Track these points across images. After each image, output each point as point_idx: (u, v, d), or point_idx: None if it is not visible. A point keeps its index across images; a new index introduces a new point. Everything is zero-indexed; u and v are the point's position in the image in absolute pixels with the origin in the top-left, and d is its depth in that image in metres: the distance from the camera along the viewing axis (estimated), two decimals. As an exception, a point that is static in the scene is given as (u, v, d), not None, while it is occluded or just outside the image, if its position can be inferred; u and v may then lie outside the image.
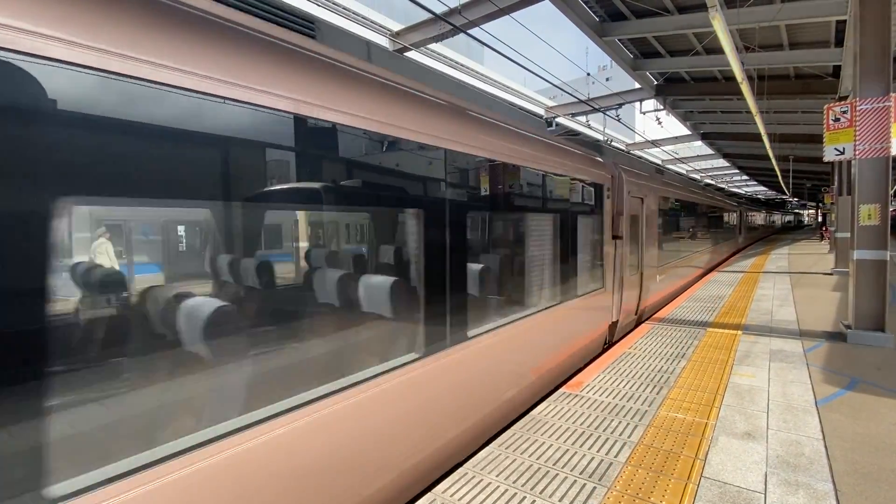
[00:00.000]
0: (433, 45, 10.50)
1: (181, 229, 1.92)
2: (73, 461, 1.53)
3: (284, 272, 2.29)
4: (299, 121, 2.21)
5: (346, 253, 2.61)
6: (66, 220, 1.52)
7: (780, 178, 25.40)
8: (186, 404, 1.84)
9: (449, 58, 12.03)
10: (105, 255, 1.68)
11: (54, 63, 1.45)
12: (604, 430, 3.39)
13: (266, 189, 2.12)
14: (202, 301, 1.92)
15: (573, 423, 3.52)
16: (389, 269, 2.81)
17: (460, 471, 2.84)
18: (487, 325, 3.62)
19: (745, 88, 8.01)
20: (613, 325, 6.52)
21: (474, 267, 3.44)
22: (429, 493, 2.62)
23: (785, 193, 44.31)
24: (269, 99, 2.06)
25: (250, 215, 2.07)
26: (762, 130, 12.03)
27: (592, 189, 5.71)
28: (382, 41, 9.73)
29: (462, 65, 12.68)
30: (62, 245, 1.52)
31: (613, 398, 3.99)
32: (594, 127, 16.23)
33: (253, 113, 2.01)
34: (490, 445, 3.17)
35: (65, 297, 1.54)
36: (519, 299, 4.18)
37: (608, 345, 6.57)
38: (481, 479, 2.75)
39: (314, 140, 2.33)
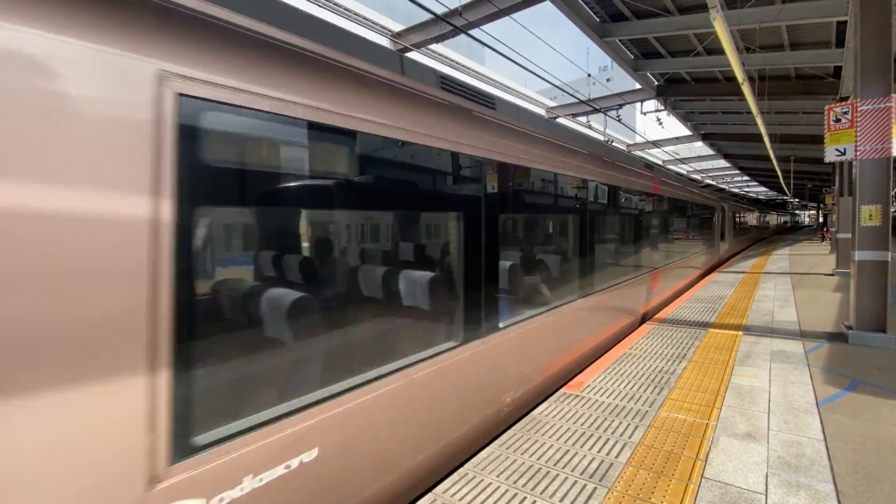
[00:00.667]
0: (434, 46, 10.51)
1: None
2: None
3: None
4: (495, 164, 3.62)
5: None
6: None
7: (781, 178, 25.38)
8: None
9: (450, 58, 12.05)
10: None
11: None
12: (604, 431, 3.39)
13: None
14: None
15: (574, 423, 3.52)
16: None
17: (461, 471, 2.84)
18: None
19: (745, 89, 8.01)
20: None
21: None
22: (429, 493, 2.62)
23: (786, 194, 44.19)
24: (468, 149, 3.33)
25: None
26: (763, 131, 12.03)
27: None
28: (383, 42, 9.74)
29: (463, 65, 12.69)
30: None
31: (614, 399, 3.98)
32: (595, 127, 16.24)
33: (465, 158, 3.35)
34: (490, 445, 3.17)
35: None
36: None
37: None
38: (482, 480, 2.75)
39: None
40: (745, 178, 41.08)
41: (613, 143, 16.22)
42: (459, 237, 3.21)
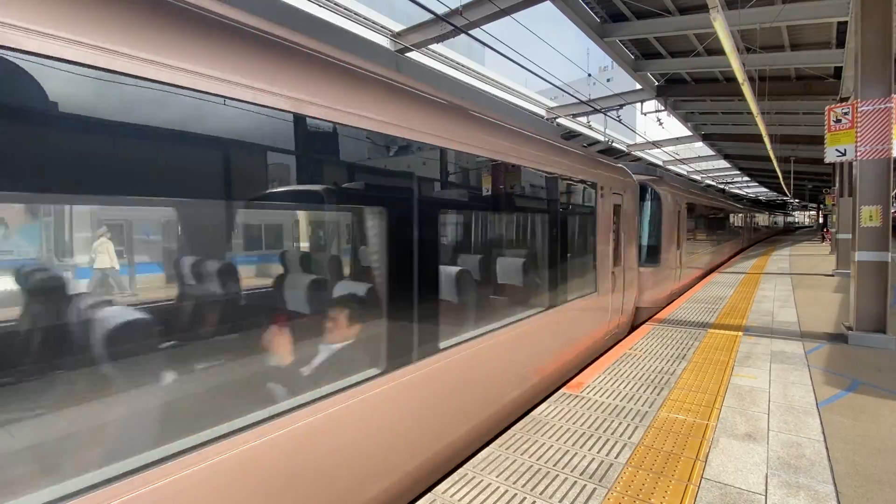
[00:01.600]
0: (434, 46, 10.50)
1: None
2: None
3: None
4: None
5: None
6: None
7: (781, 179, 25.37)
8: None
9: (450, 58, 12.04)
10: None
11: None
12: (604, 431, 3.38)
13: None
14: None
15: (573, 423, 3.52)
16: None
17: (460, 471, 2.84)
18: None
19: (746, 89, 8.01)
20: None
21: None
22: (429, 494, 2.62)
23: (786, 195, 44.15)
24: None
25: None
26: (763, 131, 12.02)
27: None
28: (383, 42, 9.73)
29: (463, 65, 12.68)
30: None
31: (614, 399, 3.98)
32: (595, 128, 16.23)
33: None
34: (490, 446, 3.16)
35: None
36: None
37: None
38: (481, 480, 2.75)
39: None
40: (746, 178, 41.08)
41: (614, 144, 16.21)
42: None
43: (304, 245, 2.68)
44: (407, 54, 10.16)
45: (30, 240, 1.64)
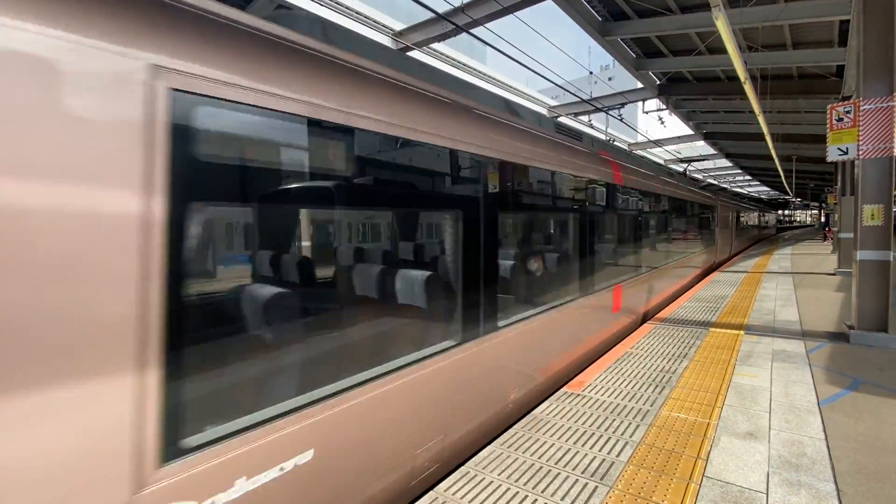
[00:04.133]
0: (435, 45, 10.50)
1: None
2: None
3: None
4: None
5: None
6: None
7: (783, 178, 25.32)
8: None
9: (451, 57, 12.04)
10: None
11: None
12: (606, 430, 3.39)
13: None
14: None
15: (575, 422, 3.53)
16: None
17: (462, 469, 2.85)
18: None
19: (748, 88, 8.00)
20: None
21: None
22: (431, 492, 2.63)
23: (788, 193, 44.06)
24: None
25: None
26: (765, 130, 12.00)
27: None
28: (385, 41, 9.73)
29: (465, 64, 12.68)
30: None
31: (615, 398, 3.99)
32: (596, 126, 16.23)
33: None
34: (492, 444, 3.17)
35: None
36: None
37: None
38: (483, 478, 2.76)
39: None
40: (748, 177, 41.01)
41: (615, 143, 16.18)
42: None
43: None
44: (408, 53, 10.16)
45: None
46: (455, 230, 3.16)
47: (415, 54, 10.34)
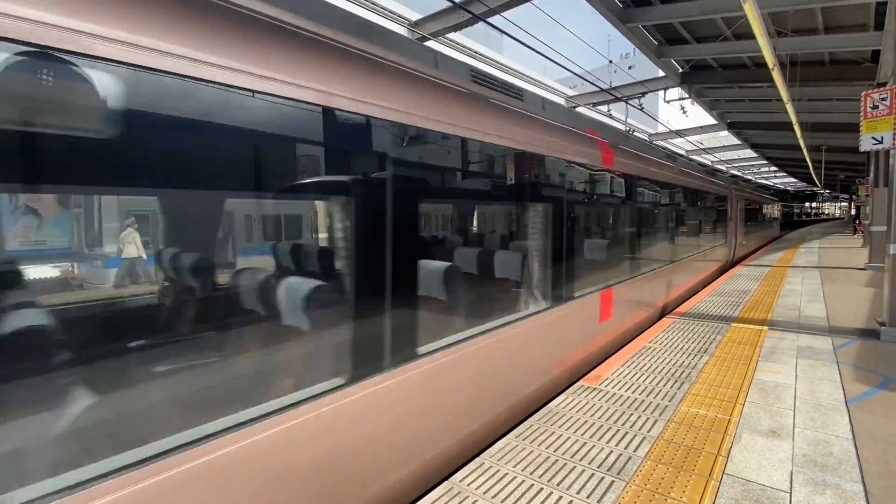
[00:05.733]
0: (451, 35, 10.38)
1: None
2: None
3: None
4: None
5: None
6: None
7: (811, 169, 24.44)
8: None
9: (468, 47, 11.90)
10: None
11: None
12: (623, 425, 3.35)
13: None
14: None
15: (591, 416, 3.49)
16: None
17: (477, 460, 2.86)
18: None
19: (776, 75, 7.70)
20: None
21: None
22: (446, 482, 2.64)
23: (816, 185, 42.48)
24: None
25: None
26: (794, 119, 11.56)
27: None
28: (401, 31, 9.67)
29: (481, 54, 12.53)
30: None
31: (633, 392, 3.93)
32: (616, 117, 15.88)
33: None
34: (507, 436, 3.17)
35: None
36: None
37: None
38: (498, 470, 2.76)
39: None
40: (773, 168, 39.70)
41: (635, 133, 15.82)
42: None
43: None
44: (425, 43, 10.07)
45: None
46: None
47: (431, 44, 10.25)
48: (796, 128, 12.54)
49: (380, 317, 2.52)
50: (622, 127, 14.74)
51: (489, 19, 8.42)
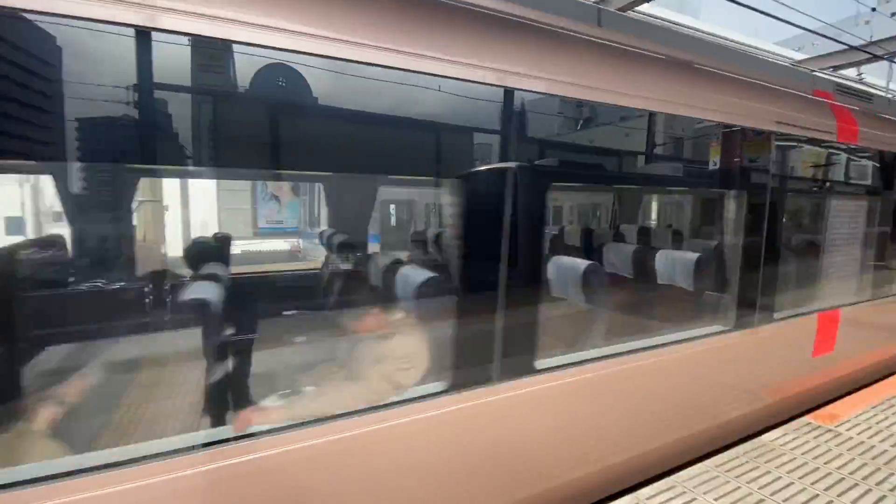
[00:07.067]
0: (641, 7, 9.38)
1: None
2: None
3: None
4: None
5: None
6: None
7: None
8: None
9: (659, 17, 10.62)
10: None
11: None
12: (863, 479, 2.66)
13: None
14: None
15: (817, 460, 2.86)
16: None
17: (667, 481, 2.64)
18: None
19: None
20: None
21: None
22: (630, 495, 2.53)
23: None
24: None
25: None
26: None
27: None
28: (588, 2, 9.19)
29: (675, 22, 11.04)
30: None
31: (886, 444, 3.07)
32: (869, 82, 12.15)
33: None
34: (704, 462, 2.84)
35: None
36: None
37: None
38: (694, 498, 2.50)
39: None
40: None
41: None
42: None
43: None
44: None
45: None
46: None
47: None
48: None
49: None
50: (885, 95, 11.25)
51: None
